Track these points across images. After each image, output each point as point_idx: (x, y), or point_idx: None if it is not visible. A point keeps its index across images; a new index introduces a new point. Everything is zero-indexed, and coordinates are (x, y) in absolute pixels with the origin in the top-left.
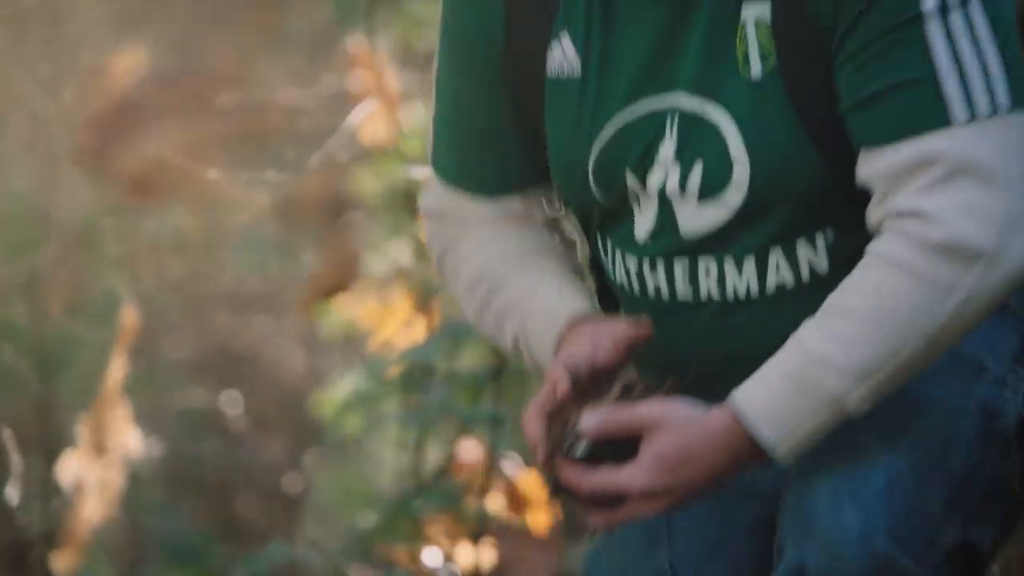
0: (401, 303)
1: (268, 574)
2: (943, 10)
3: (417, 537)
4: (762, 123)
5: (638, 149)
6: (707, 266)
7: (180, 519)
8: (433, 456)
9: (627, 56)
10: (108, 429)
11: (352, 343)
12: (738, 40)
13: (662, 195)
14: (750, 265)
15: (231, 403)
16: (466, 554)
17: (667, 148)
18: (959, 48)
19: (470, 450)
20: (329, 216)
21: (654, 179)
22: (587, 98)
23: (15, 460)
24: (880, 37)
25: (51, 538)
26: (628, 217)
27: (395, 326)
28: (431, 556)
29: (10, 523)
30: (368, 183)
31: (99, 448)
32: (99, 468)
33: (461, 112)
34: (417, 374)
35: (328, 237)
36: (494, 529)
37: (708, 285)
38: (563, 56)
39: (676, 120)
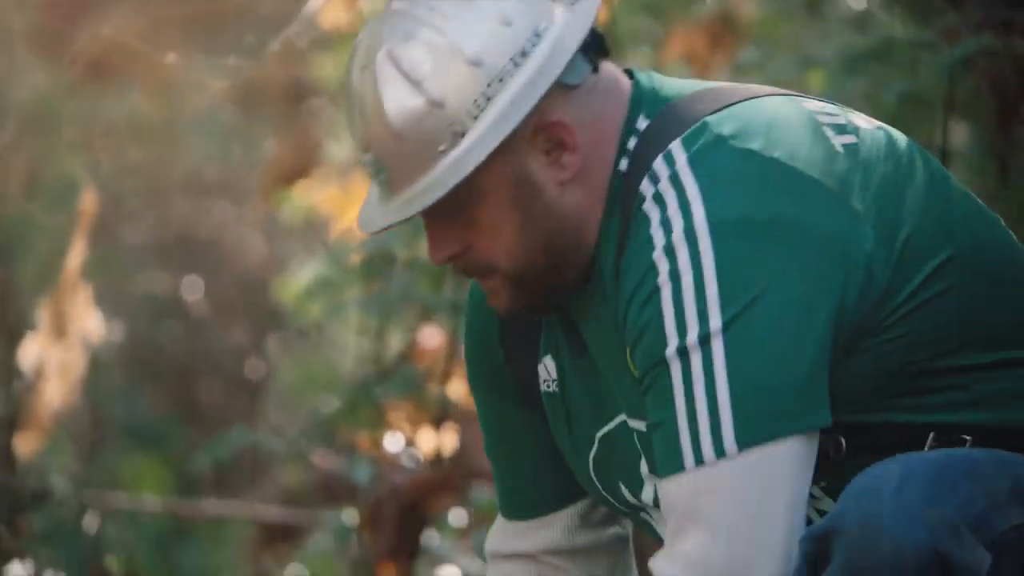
0: (362, 190)
1: (230, 458)
2: (683, 353)
3: (379, 422)
4: None
5: (623, 469)
6: None
7: (142, 403)
8: (394, 342)
9: (587, 383)
10: (68, 313)
11: (313, 230)
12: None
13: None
14: None
15: (192, 288)
16: (428, 439)
17: (644, 465)
18: (694, 392)
19: (431, 336)
20: (289, 102)
21: (646, 494)
22: (570, 414)
23: None
24: (644, 376)
25: (13, 421)
26: (649, 522)
27: (356, 213)
28: (393, 441)
29: None
30: (328, 69)
31: (60, 332)
32: (60, 352)
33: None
34: (378, 261)
35: (288, 123)
36: (455, 414)
37: None
38: (547, 374)
39: (637, 438)
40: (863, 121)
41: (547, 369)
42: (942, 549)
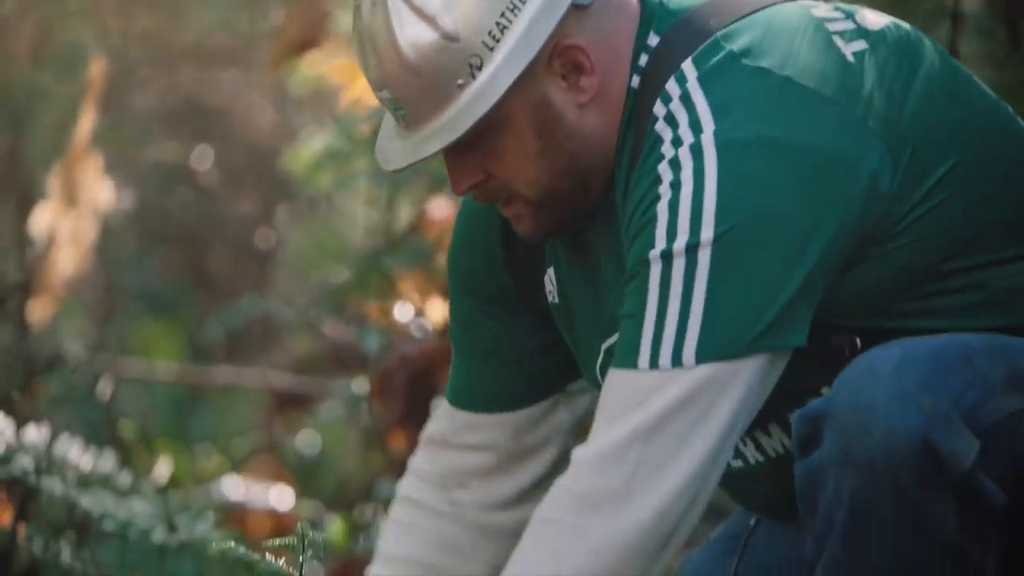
0: None
1: (241, 327)
2: (667, 257)
3: (388, 292)
4: None
5: None
6: (743, 440)
7: (153, 271)
8: (404, 213)
9: (584, 299)
10: (79, 181)
11: (322, 100)
12: None
13: None
14: (750, 444)
15: (201, 157)
16: (437, 309)
17: None
18: (669, 297)
19: (440, 207)
20: None
21: None
22: (574, 324)
23: None
24: (630, 272)
25: (26, 287)
26: None
27: (366, 83)
28: (402, 311)
29: None
30: None
31: (70, 200)
32: (71, 219)
33: (474, 338)
34: None
35: None
36: None
37: (746, 454)
38: (551, 285)
39: None
40: (874, 20)
41: (551, 280)
42: (933, 438)
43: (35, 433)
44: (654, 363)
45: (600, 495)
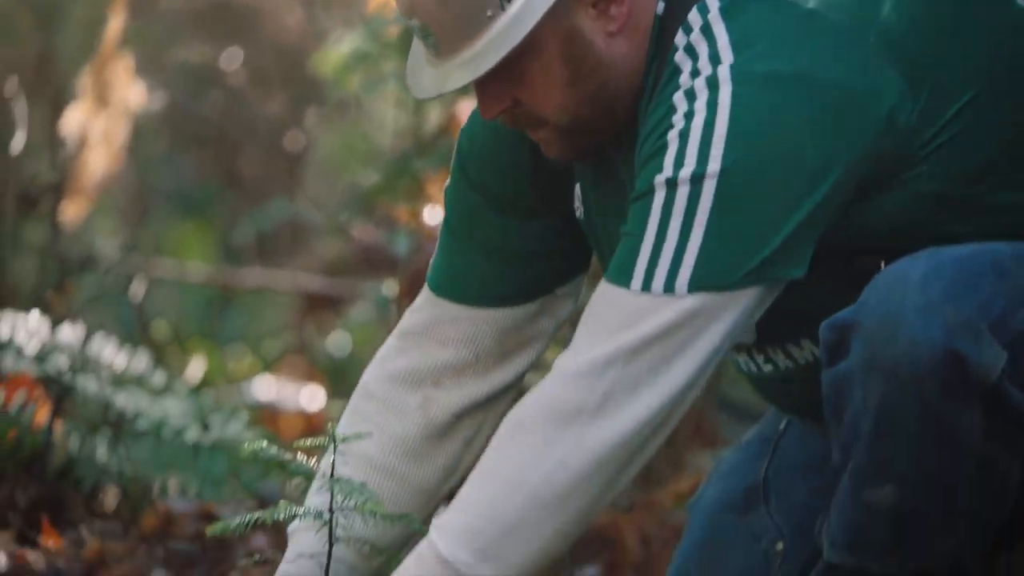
0: None
1: (272, 229)
2: (672, 184)
3: (417, 195)
4: None
5: None
6: (774, 350)
7: (184, 172)
8: (433, 116)
9: (610, 219)
10: (110, 82)
11: (351, 1)
12: None
13: None
14: (780, 353)
15: (231, 59)
16: None
17: None
18: (669, 224)
19: (469, 110)
20: None
21: None
22: (600, 241)
23: (20, 108)
24: (636, 194)
25: (59, 188)
26: None
27: None
28: (431, 213)
29: (18, 172)
30: None
31: (101, 101)
32: (102, 120)
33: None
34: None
35: None
36: None
37: (777, 360)
38: (578, 201)
39: None
40: None
41: (577, 196)
42: (958, 349)
43: (70, 333)
44: (646, 286)
45: (574, 408)
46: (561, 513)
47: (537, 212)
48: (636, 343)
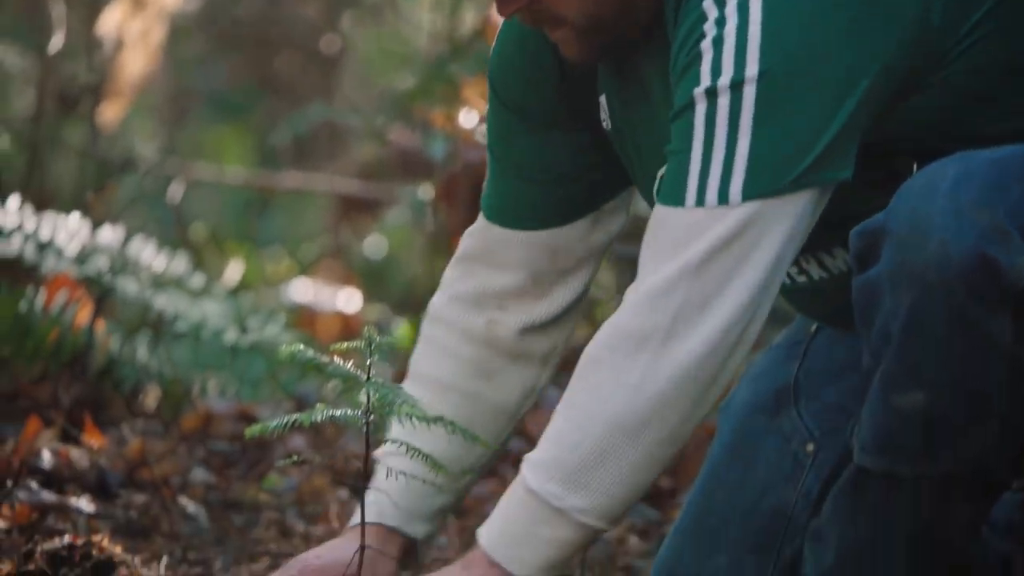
0: None
1: (309, 133)
2: (712, 94)
3: (453, 98)
4: None
5: None
6: (806, 259)
7: (221, 74)
8: (468, 19)
9: (637, 127)
10: None
11: None
12: None
13: None
14: (814, 262)
15: None
16: None
17: None
18: (715, 135)
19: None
20: None
21: None
22: (628, 151)
23: (58, 9)
24: (677, 109)
25: (97, 89)
26: None
27: None
28: (467, 117)
29: (56, 73)
30: None
31: (138, 1)
32: (140, 21)
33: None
34: None
35: None
36: None
37: (810, 271)
38: (604, 113)
39: None
40: None
41: (603, 107)
42: (988, 252)
43: (109, 234)
44: (700, 200)
45: (646, 333)
46: (645, 439)
47: (567, 126)
48: (698, 259)
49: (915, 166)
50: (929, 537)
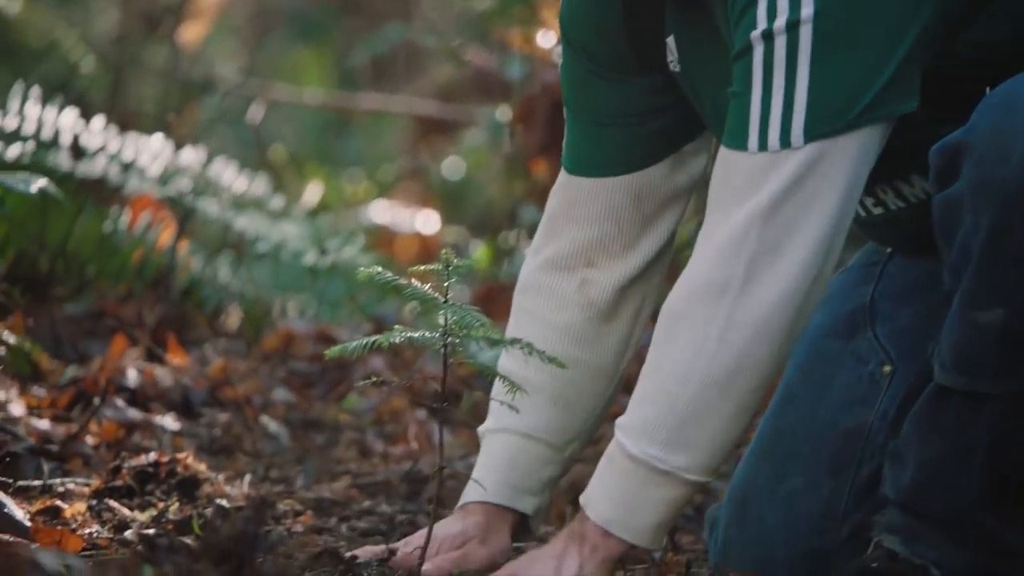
0: None
1: (387, 54)
2: (768, 37)
3: (531, 19)
4: None
5: None
6: (883, 189)
7: None
8: None
9: (705, 68)
10: None
11: None
12: None
13: None
14: (891, 192)
15: None
16: None
17: None
18: (773, 77)
19: None
20: None
21: None
22: (697, 92)
23: None
24: (735, 54)
25: (178, 11)
26: None
27: None
28: (545, 38)
29: None
30: None
31: None
32: None
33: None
34: None
35: None
36: None
37: (887, 201)
38: (672, 54)
39: None
40: None
41: (671, 49)
42: None
43: (191, 155)
44: (763, 145)
45: (722, 284)
46: (736, 388)
47: (637, 68)
48: (766, 204)
49: (987, 88)
50: (1005, 453)
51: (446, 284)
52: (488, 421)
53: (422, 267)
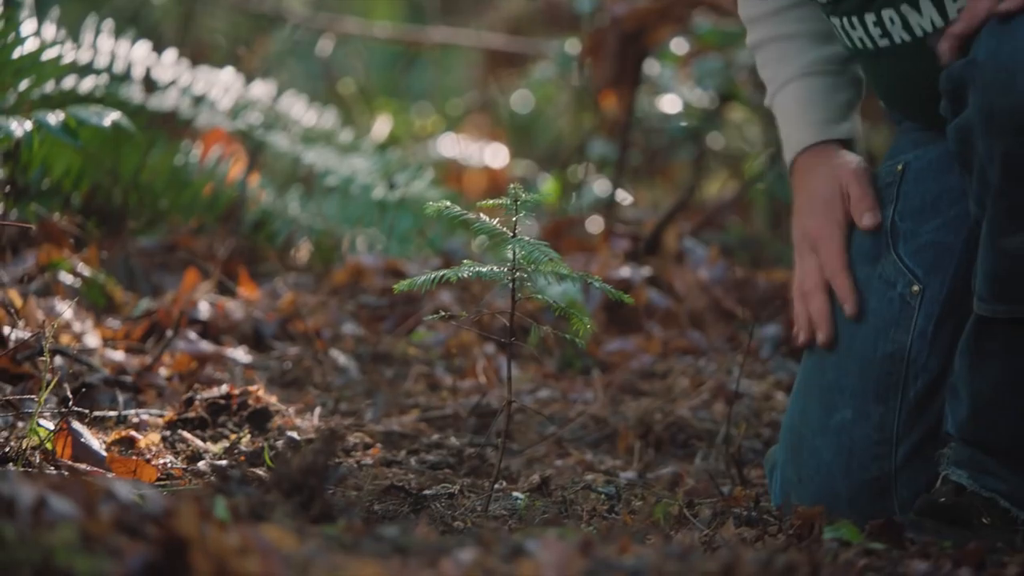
0: None
1: None
2: None
3: None
4: None
5: None
6: (890, 16)
7: None
8: None
9: None
10: None
11: None
12: None
13: None
14: (898, 21)
15: None
16: None
17: None
18: None
19: None
20: None
21: None
22: None
23: None
24: None
25: None
26: None
27: None
28: None
29: None
30: None
31: None
32: None
33: None
34: None
35: None
36: None
37: (895, 31)
38: None
39: None
40: None
41: None
42: None
43: (261, 88)
44: None
45: None
46: None
47: None
48: None
49: None
50: None
51: (514, 218)
52: (767, 93)
53: (490, 201)
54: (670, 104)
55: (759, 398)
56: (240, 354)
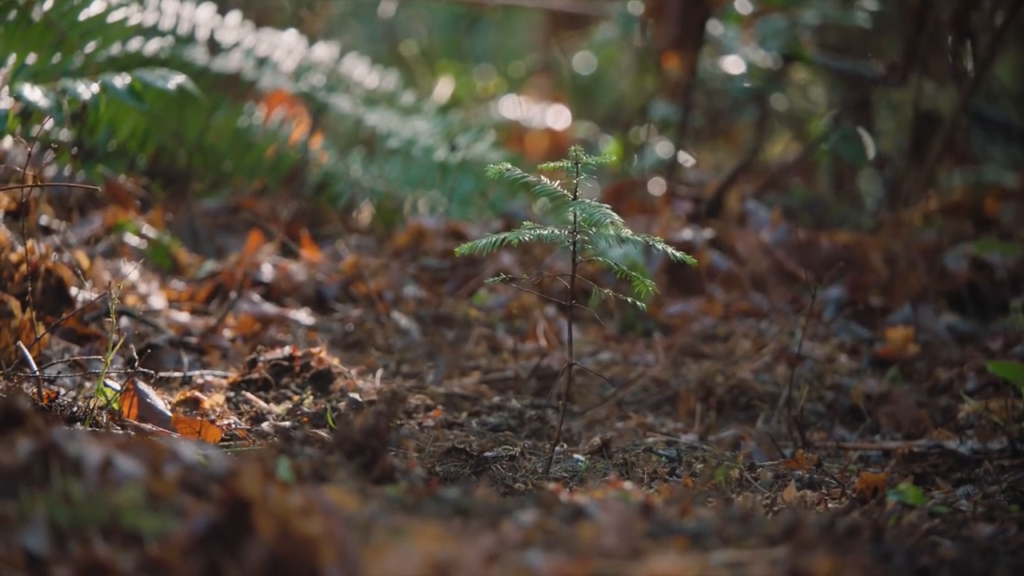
0: None
1: None
2: None
3: None
4: None
5: None
6: None
7: None
8: None
9: None
10: None
11: None
12: None
13: None
14: None
15: None
16: None
17: None
18: None
19: None
20: None
21: None
22: None
23: None
24: None
25: None
26: None
27: None
28: None
29: None
30: None
31: None
32: None
33: None
34: None
35: None
36: None
37: None
38: None
39: None
40: None
41: None
42: None
43: (324, 51)
44: None
45: None
46: None
47: None
48: None
49: None
50: None
51: (576, 180)
52: None
53: (552, 164)
54: (733, 65)
55: (821, 361)
56: (303, 316)
